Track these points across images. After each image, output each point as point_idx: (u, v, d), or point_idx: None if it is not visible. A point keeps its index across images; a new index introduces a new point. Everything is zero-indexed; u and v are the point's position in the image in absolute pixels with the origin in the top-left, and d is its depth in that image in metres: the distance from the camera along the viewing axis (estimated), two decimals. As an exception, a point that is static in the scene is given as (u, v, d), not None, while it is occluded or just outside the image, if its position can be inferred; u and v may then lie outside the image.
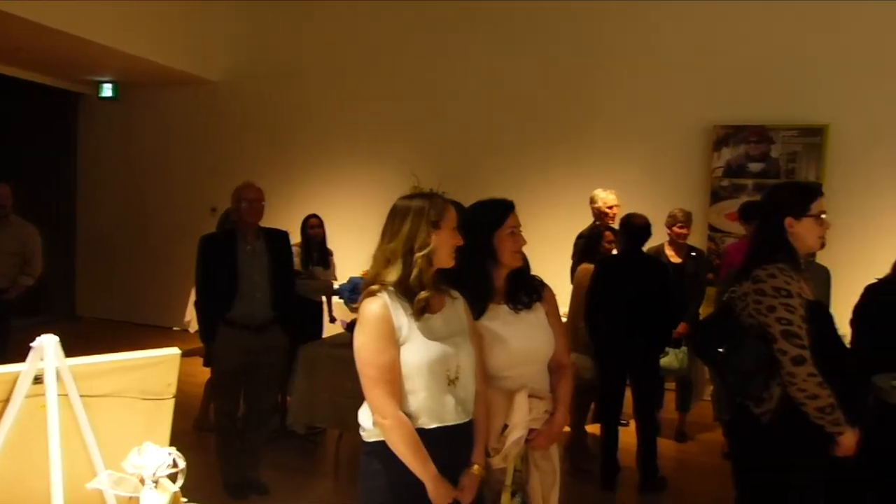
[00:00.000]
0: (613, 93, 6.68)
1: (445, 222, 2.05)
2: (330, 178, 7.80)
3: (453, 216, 2.06)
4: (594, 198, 5.20)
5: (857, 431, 2.38)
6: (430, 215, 2.03)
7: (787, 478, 2.41)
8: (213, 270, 3.85)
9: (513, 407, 2.21)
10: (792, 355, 2.30)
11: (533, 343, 2.31)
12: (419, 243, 2.02)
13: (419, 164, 7.00)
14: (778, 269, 2.39)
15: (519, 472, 2.28)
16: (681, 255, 5.04)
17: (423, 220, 2.03)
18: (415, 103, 7.43)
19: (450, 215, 2.06)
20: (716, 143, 6.26)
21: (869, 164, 5.91)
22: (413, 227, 2.04)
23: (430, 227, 2.03)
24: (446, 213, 2.05)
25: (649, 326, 4.14)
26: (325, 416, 4.17)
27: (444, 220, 2.05)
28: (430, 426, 2.02)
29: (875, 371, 2.91)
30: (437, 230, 2.03)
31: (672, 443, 5.16)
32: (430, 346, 2.01)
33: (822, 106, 6.01)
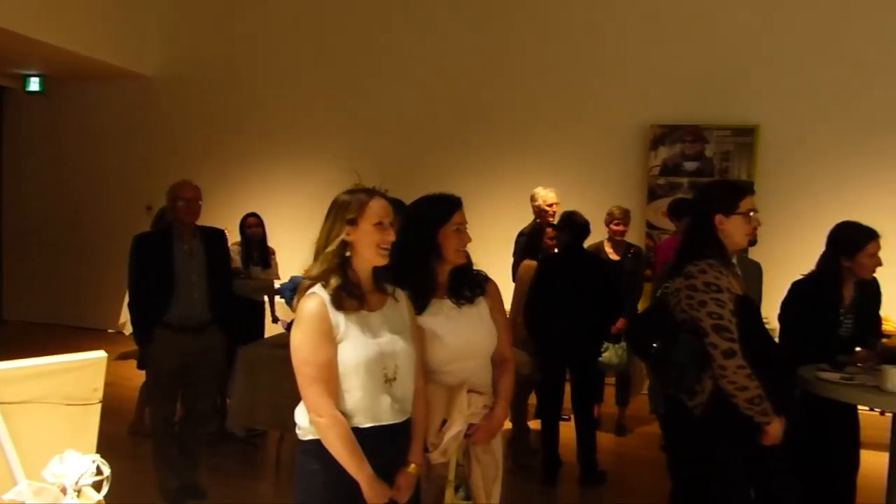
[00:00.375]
0: (554, 92, 6.78)
1: (365, 218, 2.02)
2: (271, 176, 7.67)
3: (375, 213, 2.02)
4: (534, 196, 5.26)
5: (783, 421, 2.48)
6: (347, 212, 2.02)
7: (719, 467, 2.49)
8: (148, 271, 3.74)
9: (452, 402, 2.22)
10: (722, 348, 2.37)
11: (475, 337, 2.32)
12: (332, 240, 2.02)
13: (361, 161, 6.94)
14: (708, 264, 2.47)
15: (461, 466, 2.30)
16: (619, 252, 5.15)
17: (339, 217, 2.03)
18: (357, 100, 7.38)
19: (370, 212, 2.02)
20: (653, 143, 6.41)
21: (797, 163, 6.15)
22: (331, 223, 2.03)
23: (346, 223, 2.01)
24: (366, 209, 2.02)
25: (590, 322, 4.21)
26: (266, 417, 4.10)
27: (363, 217, 2.02)
28: (365, 425, 2.01)
29: (802, 363, 3.02)
30: (355, 227, 2.02)
31: (612, 436, 5.26)
32: (368, 344, 2.00)
33: (752, 107, 6.23)
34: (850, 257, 3.09)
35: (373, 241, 2.02)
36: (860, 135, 6.08)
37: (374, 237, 2.02)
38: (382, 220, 2.02)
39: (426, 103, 7.17)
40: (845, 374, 2.87)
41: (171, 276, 3.69)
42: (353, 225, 2.02)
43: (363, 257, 2.04)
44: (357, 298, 2.03)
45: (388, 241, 2.03)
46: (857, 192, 5.82)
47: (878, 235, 3.10)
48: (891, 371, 2.68)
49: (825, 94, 6.14)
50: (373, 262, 2.05)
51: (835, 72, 6.11)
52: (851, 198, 5.71)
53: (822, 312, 3.13)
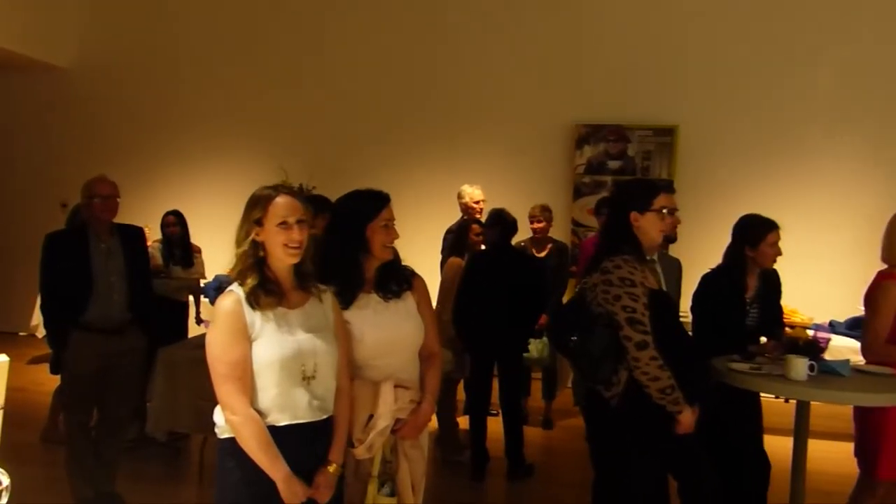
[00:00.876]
0: (482, 92, 6.85)
1: (269, 218, 2.01)
2: (196, 173, 7.47)
3: (279, 212, 2.01)
4: (461, 193, 5.31)
5: (695, 410, 2.58)
6: (254, 212, 2.02)
7: (635, 456, 2.58)
8: (62, 270, 3.58)
9: (378, 397, 2.23)
10: (636, 341, 2.46)
11: (401, 332, 2.33)
12: (242, 240, 2.02)
13: (289, 158, 6.86)
14: (623, 260, 2.54)
15: (389, 462, 2.30)
16: (542, 249, 5.25)
17: (247, 217, 2.03)
18: (285, 96, 7.27)
19: (274, 211, 2.01)
20: (578, 141, 6.56)
21: (714, 162, 6.40)
22: (241, 223, 2.04)
23: (254, 224, 2.01)
24: (269, 209, 2.01)
25: (517, 318, 4.27)
26: (188, 420, 3.99)
27: (267, 217, 2.01)
28: (282, 423, 2.00)
29: (715, 353, 3.15)
30: (262, 227, 2.01)
31: (539, 430, 5.35)
32: (284, 342, 2.00)
33: (672, 107, 6.45)
34: (753, 247, 3.25)
35: (279, 241, 2.01)
36: (772, 134, 6.38)
37: (280, 237, 2.01)
38: (287, 219, 2.01)
39: (355, 101, 7.12)
40: (754, 364, 3.00)
41: (88, 275, 3.55)
42: (259, 225, 2.02)
43: (274, 256, 2.03)
44: (275, 296, 2.02)
45: (294, 241, 2.01)
46: (770, 188, 6.09)
47: (777, 226, 3.28)
48: (794, 360, 2.82)
49: (739, 96, 6.41)
50: (282, 261, 2.03)
51: (749, 75, 6.39)
52: (765, 194, 5.96)
53: (730, 302, 3.28)
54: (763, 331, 3.39)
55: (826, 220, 6.17)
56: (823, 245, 6.07)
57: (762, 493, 3.32)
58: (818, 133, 6.36)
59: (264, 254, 2.03)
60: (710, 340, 3.26)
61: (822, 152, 6.34)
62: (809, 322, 5.38)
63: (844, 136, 6.31)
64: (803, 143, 6.36)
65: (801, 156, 6.36)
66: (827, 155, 6.34)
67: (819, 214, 6.21)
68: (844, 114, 6.30)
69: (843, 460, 3.26)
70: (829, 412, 3.40)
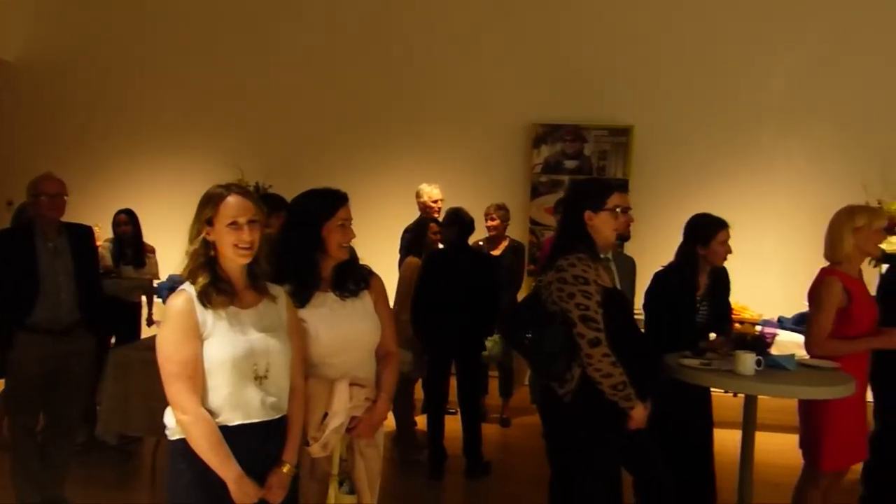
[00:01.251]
0: (440, 91, 6.86)
1: (219, 218, 2.00)
2: (150, 171, 7.30)
3: (229, 212, 1.99)
4: (419, 192, 5.32)
5: (647, 406, 2.63)
6: (204, 211, 2.01)
7: (589, 451, 2.61)
8: (7, 270, 3.48)
9: (334, 395, 2.22)
10: (589, 338, 2.49)
11: (357, 330, 2.33)
12: (193, 239, 2.02)
13: (247, 157, 6.82)
14: (577, 258, 2.58)
15: (345, 460, 2.30)
16: (497, 248, 5.29)
17: (198, 216, 2.02)
18: (243, 93, 7.15)
19: (224, 211, 1.99)
20: (535, 141, 6.62)
21: (669, 163, 6.52)
22: (193, 222, 2.03)
23: (205, 223, 2.01)
24: (219, 209, 2.00)
25: (474, 317, 4.28)
26: (140, 423, 3.90)
27: (217, 217, 2.00)
28: (233, 422, 1.99)
29: (667, 350, 3.21)
30: (212, 226, 2.01)
31: (496, 427, 5.40)
32: (236, 341, 1.99)
33: (628, 108, 6.56)
34: (704, 245, 3.34)
35: (229, 242, 2.00)
36: (724, 135, 6.53)
37: (230, 237, 2.00)
38: (237, 219, 2.00)
39: (314, 100, 7.06)
40: (704, 360, 3.07)
41: (35, 275, 3.46)
42: (210, 224, 2.01)
43: (225, 256, 2.02)
44: (227, 295, 2.01)
45: (245, 241, 2.00)
46: (722, 188, 6.22)
47: (728, 225, 3.37)
48: (742, 356, 2.89)
49: (694, 98, 6.54)
50: (233, 261, 2.02)
51: (703, 77, 6.53)
52: (717, 194, 6.09)
53: (681, 300, 3.36)
54: (712, 327, 3.48)
55: (776, 219, 6.35)
56: (773, 243, 6.24)
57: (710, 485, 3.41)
58: (769, 135, 6.54)
59: (215, 253, 2.02)
60: (662, 337, 3.33)
61: (773, 153, 6.52)
62: (759, 318, 5.52)
63: (794, 138, 6.50)
64: (755, 145, 6.53)
65: (753, 156, 6.52)
66: (777, 156, 6.52)
67: (769, 214, 6.39)
68: (794, 116, 6.49)
69: (789, 452, 3.36)
70: (776, 405, 3.50)
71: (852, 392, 2.91)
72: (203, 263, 2.00)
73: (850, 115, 6.38)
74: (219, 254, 2.02)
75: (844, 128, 6.39)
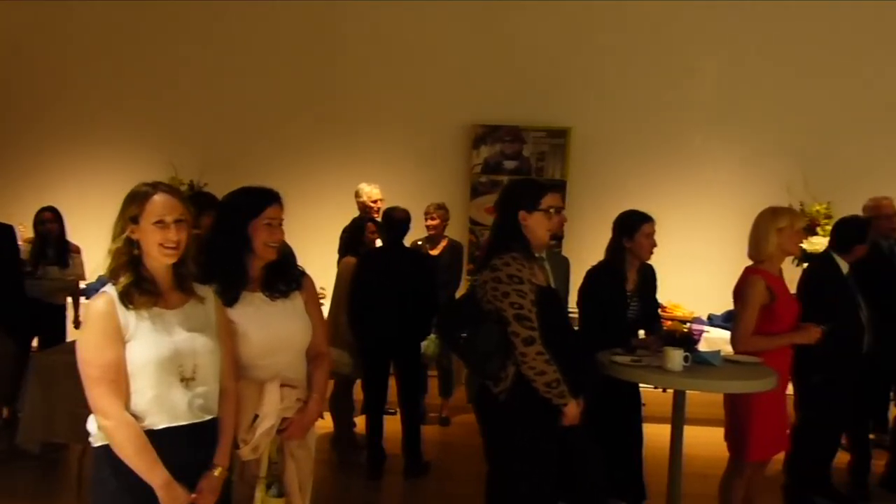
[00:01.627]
0: (380, 91, 6.83)
1: (145, 217, 1.95)
2: (77, 167, 7.04)
3: (155, 211, 1.95)
4: (359, 192, 5.29)
5: (580, 403, 2.67)
6: (129, 209, 1.96)
7: (525, 449, 2.64)
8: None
9: (264, 396, 2.19)
10: (523, 336, 2.52)
11: (287, 331, 2.30)
12: (116, 238, 1.97)
13: (181, 154, 6.64)
14: (512, 258, 2.60)
15: (275, 463, 2.26)
16: (437, 247, 5.30)
17: (122, 214, 1.97)
18: (176, 87, 6.96)
19: (150, 209, 1.95)
20: (475, 141, 6.67)
21: (605, 164, 6.66)
22: (116, 220, 1.98)
23: (129, 221, 1.96)
24: (146, 206, 1.95)
25: (410, 316, 4.28)
26: (65, 430, 3.76)
27: (143, 215, 1.95)
28: (159, 426, 1.94)
29: (601, 346, 3.28)
30: (137, 225, 1.96)
31: (437, 427, 5.41)
32: (160, 342, 1.94)
33: (566, 110, 6.67)
34: (630, 238, 3.45)
35: (154, 240, 1.95)
36: (658, 138, 6.71)
37: (156, 236, 1.95)
38: (164, 217, 1.95)
39: (251, 97, 6.92)
40: (635, 356, 3.15)
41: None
42: (135, 223, 1.95)
43: (150, 255, 1.97)
44: (151, 295, 1.96)
45: (171, 241, 1.95)
46: (656, 190, 6.38)
47: (652, 219, 3.49)
48: (671, 352, 2.97)
49: (629, 101, 6.70)
50: (158, 260, 1.98)
51: (637, 81, 6.70)
52: (651, 195, 6.22)
53: (613, 294, 3.45)
54: (643, 324, 3.58)
55: (707, 220, 6.55)
56: (704, 243, 6.43)
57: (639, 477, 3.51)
58: (700, 138, 6.75)
59: (139, 252, 1.97)
60: (596, 334, 3.40)
61: (704, 156, 6.74)
62: (691, 316, 5.69)
63: (723, 142, 6.73)
64: (687, 147, 6.74)
65: (685, 159, 6.73)
66: (708, 158, 6.73)
67: (701, 214, 6.59)
68: (723, 120, 6.72)
69: (717, 444, 3.46)
70: (704, 400, 3.60)
71: (774, 386, 3.02)
72: (126, 262, 1.96)
73: (774, 121, 6.65)
74: (143, 253, 1.98)
75: (769, 133, 6.66)
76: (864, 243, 4.00)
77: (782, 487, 4.20)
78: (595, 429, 2.97)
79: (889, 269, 4.33)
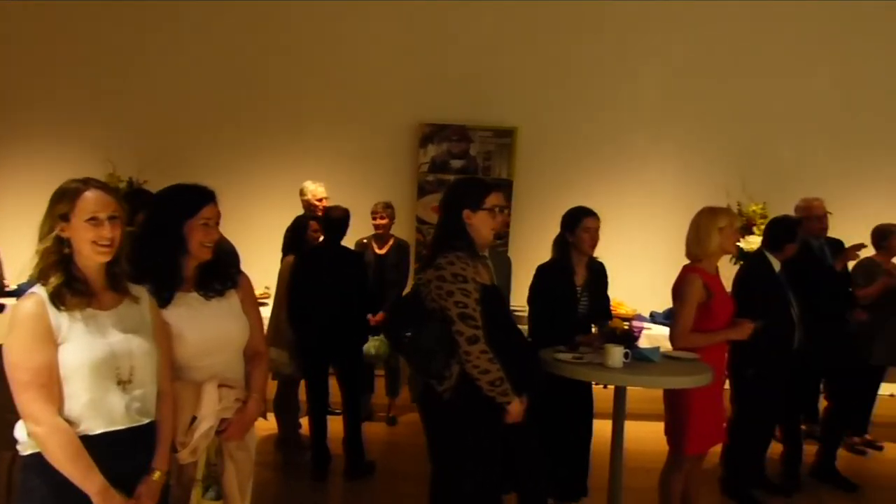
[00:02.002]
0: (327, 89, 6.76)
1: (77, 214, 1.89)
2: (3, 165, 6.74)
3: (88, 207, 1.90)
4: (303, 190, 5.23)
5: (524, 400, 2.70)
6: (59, 206, 1.90)
7: (469, 448, 2.65)
8: None
9: (202, 397, 2.15)
10: (467, 335, 2.53)
11: (224, 331, 2.26)
12: (45, 236, 1.91)
13: (118, 150, 6.42)
14: (457, 256, 2.61)
15: (213, 465, 2.22)
16: (384, 246, 5.28)
17: (51, 212, 1.91)
18: (115, 82, 6.71)
19: (83, 206, 1.89)
20: (422, 140, 6.66)
21: (552, 164, 6.73)
22: (44, 218, 1.91)
23: (59, 219, 1.89)
24: (77, 203, 1.89)
25: (348, 315, 4.23)
26: (-8, 436, 3.62)
27: (75, 212, 1.89)
28: (96, 431, 1.88)
29: (553, 341, 3.32)
30: (68, 222, 1.89)
31: (383, 426, 5.39)
32: (95, 344, 1.88)
33: (512, 110, 6.72)
34: (572, 232, 3.52)
35: (87, 238, 1.89)
36: (603, 139, 6.81)
37: (89, 234, 1.89)
38: (97, 214, 1.90)
39: (195, 93, 6.74)
40: (577, 354, 3.20)
41: None
42: (66, 220, 1.89)
43: (81, 254, 1.91)
44: (83, 296, 1.90)
45: (105, 238, 1.90)
46: (601, 189, 6.45)
47: (593, 213, 3.57)
48: (612, 349, 3.03)
49: (574, 102, 6.78)
50: (91, 259, 1.92)
51: (582, 82, 6.79)
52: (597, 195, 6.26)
53: (562, 289, 3.51)
54: (594, 320, 3.64)
55: (650, 219, 6.69)
56: (647, 242, 6.56)
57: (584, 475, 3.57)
58: (644, 139, 6.89)
59: (70, 251, 1.91)
60: (546, 330, 3.45)
61: (647, 157, 6.88)
62: (634, 313, 5.81)
63: (665, 143, 6.88)
64: (631, 148, 6.86)
65: (630, 160, 6.85)
66: (651, 160, 6.88)
67: (645, 213, 6.73)
68: (666, 121, 6.87)
69: (658, 439, 3.54)
70: (645, 395, 3.69)
71: (710, 381, 3.11)
72: (56, 262, 1.89)
73: (714, 124, 6.84)
74: (74, 252, 1.91)
75: (709, 135, 6.85)
76: (794, 242, 4.15)
77: (719, 479, 4.34)
78: (541, 427, 3.01)
79: (819, 268, 4.51)
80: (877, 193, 6.53)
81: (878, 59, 6.81)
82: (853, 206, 5.84)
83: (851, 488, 4.49)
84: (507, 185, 6.59)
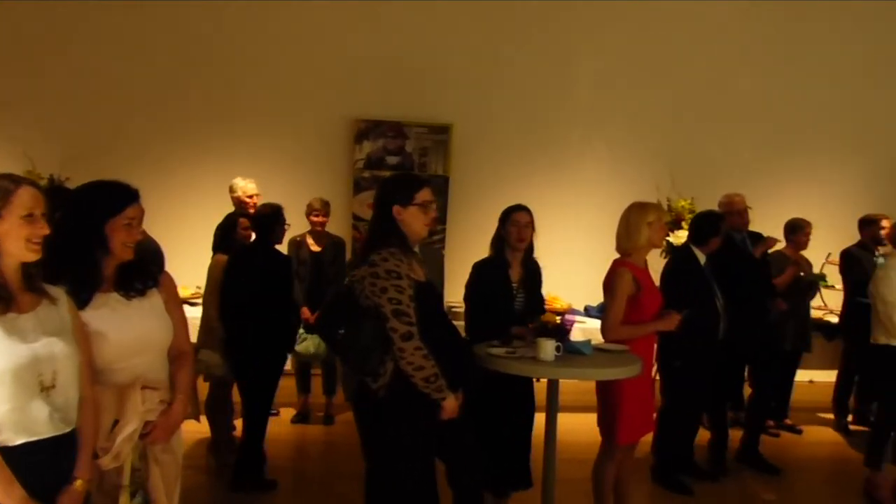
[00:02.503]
0: (260, 83, 6.64)
1: (10, 210, 1.81)
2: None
3: (24, 203, 1.82)
4: (233, 187, 5.11)
5: (459, 396, 2.71)
6: None
7: (404, 445, 2.64)
8: None
9: (124, 400, 2.08)
10: (401, 332, 2.52)
11: (146, 331, 2.20)
12: None
13: (38, 145, 6.15)
14: (390, 253, 2.60)
15: (138, 470, 2.15)
16: (321, 243, 5.22)
17: None
18: (34, 69, 6.41)
19: (18, 202, 1.82)
20: (357, 136, 6.61)
21: (487, 160, 6.80)
22: None
23: None
24: (11, 200, 1.82)
25: (276, 315, 4.12)
26: None
27: (9, 209, 1.81)
28: (17, 442, 1.80)
29: (488, 338, 3.34)
30: (1, 219, 1.81)
31: (320, 426, 5.33)
32: (16, 350, 1.79)
33: (448, 106, 6.75)
34: (502, 227, 3.56)
35: (21, 236, 1.82)
36: (537, 136, 6.92)
37: (24, 231, 1.82)
38: (33, 210, 1.83)
39: (121, 84, 6.49)
40: (510, 348, 3.23)
41: None
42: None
43: (9, 253, 1.83)
44: (3, 300, 1.81)
45: (39, 235, 1.83)
46: (535, 186, 6.54)
47: (524, 209, 3.60)
48: (544, 343, 3.07)
49: (508, 99, 6.87)
50: (22, 257, 1.84)
51: (516, 79, 6.87)
52: (531, 191, 6.37)
53: (498, 285, 3.54)
54: (529, 316, 3.68)
55: (584, 215, 6.81)
56: (581, 237, 6.67)
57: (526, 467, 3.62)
58: (577, 136, 7.03)
59: None
60: (482, 326, 3.47)
61: (581, 154, 7.02)
62: (568, 307, 5.92)
63: (598, 140, 7.04)
64: (565, 145, 6.99)
65: (564, 157, 6.98)
66: (585, 157, 7.03)
67: (579, 210, 6.86)
68: (598, 119, 7.03)
69: (591, 430, 3.62)
70: (577, 387, 3.75)
71: (639, 372, 3.19)
72: None
73: (644, 123, 7.04)
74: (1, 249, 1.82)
75: (639, 133, 7.04)
76: (718, 236, 4.30)
77: (650, 467, 4.46)
78: (478, 421, 3.03)
79: (741, 261, 4.69)
80: (794, 191, 6.87)
81: (800, 63, 7.13)
82: (772, 202, 6.11)
83: (774, 472, 4.69)
84: (443, 181, 6.61)
